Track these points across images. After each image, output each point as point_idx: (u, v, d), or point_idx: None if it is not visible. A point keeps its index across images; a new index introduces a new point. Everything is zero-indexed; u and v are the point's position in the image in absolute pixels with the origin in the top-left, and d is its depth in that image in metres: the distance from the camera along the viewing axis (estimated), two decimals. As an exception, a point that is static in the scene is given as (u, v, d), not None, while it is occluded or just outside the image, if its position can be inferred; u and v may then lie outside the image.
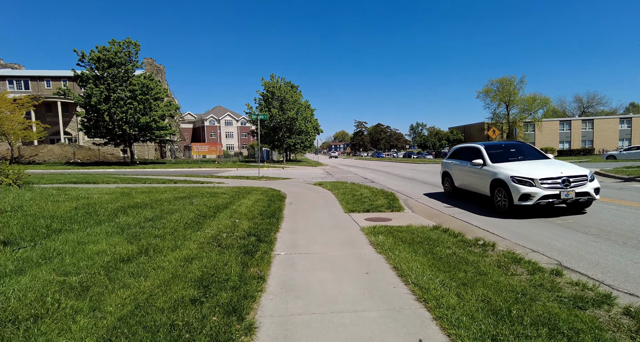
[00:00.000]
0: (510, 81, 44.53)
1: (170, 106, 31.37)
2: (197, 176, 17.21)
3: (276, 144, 39.21)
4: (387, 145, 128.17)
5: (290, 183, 14.66)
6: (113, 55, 26.60)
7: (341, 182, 14.32)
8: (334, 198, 10.16)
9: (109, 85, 26.77)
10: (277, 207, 8.16)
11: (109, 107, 26.63)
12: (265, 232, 5.64)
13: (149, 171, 24.15)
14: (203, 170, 26.52)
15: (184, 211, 6.50)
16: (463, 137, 57.24)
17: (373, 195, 10.52)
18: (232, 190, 10.54)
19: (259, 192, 10.49)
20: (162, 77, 51.69)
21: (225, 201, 8.23)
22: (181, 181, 13.96)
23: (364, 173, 22.51)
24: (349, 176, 20.54)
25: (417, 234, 5.75)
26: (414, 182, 15.67)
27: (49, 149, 34.07)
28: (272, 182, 15.06)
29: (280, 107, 36.32)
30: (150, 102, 28.36)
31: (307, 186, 13.31)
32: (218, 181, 14.78)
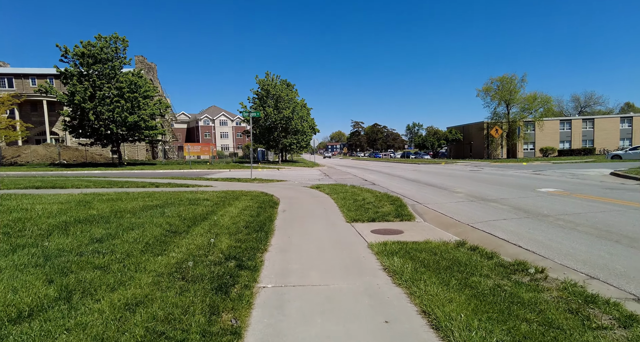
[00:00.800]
0: (511, 79, 43.66)
1: (160, 105, 30.06)
2: (184, 178, 15.96)
3: (271, 144, 37.97)
4: (384, 146, 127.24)
5: (284, 186, 13.46)
6: (99, 50, 25.23)
7: (340, 185, 13.15)
8: (333, 204, 8.98)
9: (94, 82, 25.39)
10: (268, 217, 6.97)
11: (95, 106, 25.26)
12: (250, 253, 4.45)
13: (135, 173, 22.82)
14: (193, 171, 25.23)
15: (149, 225, 5.27)
16: (462, 137, 56.33)
17: (377, 200, 9.36)
18: (218, 195, 9.32)
19: (248, 198, 9.28)
20: (154, 76, 50.26)
21: (206, 210, 7.01)
22: (164, 184, 12.71)
23: (364, 174, 21.37)
24: (348, 177, 19.39)
25: (440, 254, 4.59)
26: (418, 184, 14.53)
27: (32, 150, 32.58)
28: (265, 185, 13.85)
29: (276, 106, 35.09)
30: (138, 101, 27.02)
31: (303, 190, 12.12)
32: (206, 184, 13.55)
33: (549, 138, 48.17)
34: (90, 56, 24.93)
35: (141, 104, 27.18)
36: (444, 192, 11.67)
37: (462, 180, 15.66)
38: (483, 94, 46.10)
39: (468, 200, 9.97)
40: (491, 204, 9.21)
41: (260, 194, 10.49)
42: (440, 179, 16.57)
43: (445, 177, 17.27)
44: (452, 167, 27.04)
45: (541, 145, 47.96)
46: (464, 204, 9.43)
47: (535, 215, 7.58)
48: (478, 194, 11.01)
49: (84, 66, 25.14)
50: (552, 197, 9.78)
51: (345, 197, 9.96)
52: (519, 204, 8.90)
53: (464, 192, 11.56)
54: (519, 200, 9.55)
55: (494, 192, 11.12)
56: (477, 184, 13.87)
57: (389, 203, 8.98)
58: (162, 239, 4.63)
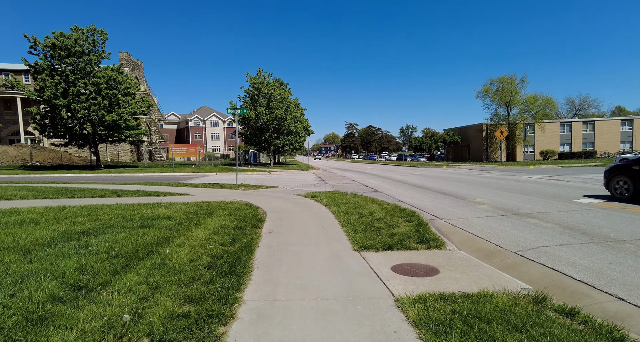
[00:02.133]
0: (511, 80, 42.32)
1: (142, 103, 27.87)
2: (158, 184, 13.93)
3: (263, 146, 35.98)
4: (378, 148, 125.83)
5: (275, 194, 11.53)
6: (73, 42, 23.03)
7: (340, 193, 11.27)
8: (334, 221, 7.09)
9: (67, 77, 23.17)
10: (246, 245, 5.06)
11: (68, 103, 23.04)
12: (202, 329, 2.55)
13: (108, 177, 20.67)
14: (176, 175, 23.15)
15: (44, 276, 3.30)
16: (460, 139, 54.94)
17: (388, 215, 7.51)
18: (187, 210, 7.37)
19: (226, 213, 7.35)
20: (140, 74, 47.94)
21: (160, 236, 5.08)
22: (131, 192, 10.69)
23: (363, 179, 19.53)
24: (346, 182, 17.53)
25: (522, 327, 2.73)
26: (428, 192, 12.72)
27: (2, 151, 30.11)
28: (251, 192, 11.91)
29: (268, 105, 33.15)
30: (118, 98, 24.86)
31: (297, 199, 10.21)
32: (182, 191, 11.56)
33: (549, 141, 46.98)
34: (62, 48, 22.71)
35: (121, 102, 25.02)
36: (462, 203, 9.86)
37: (476, 187, 13.90)
38: (482, 95, 44.74)
39: (497, 214, 8.18)
40: (528, 220, 7.41)
41: (243, 206, 8.56)
42: (450, 185, 14.80)
43: (454, 183, 15.50)
44: (456, 171, 25.35)
45: (541, 148, 46.74)
46: (494, 219, 7.62)
47: (600, 239, 5.78)
48: (505, 205, 9.22)
49: (56, 59, 22.90)
50: (603, 212, 8.01)
51: (347, 210, 8.09)
52: (566, 221, 7.11)
53: (486, 202, 9.77)
54: (562, 215, 7.76)
55: (523, 204, 9.34)
56: (496, 192, 12.11)
57: (403, 219, 7.14)
58: (53, 304, 2.67)
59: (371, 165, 41.83)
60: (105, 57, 25.45)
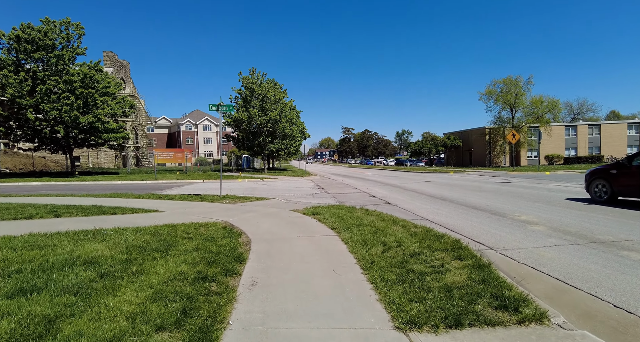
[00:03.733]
0: (516, 82, 40.62)
1: (124, 103, 25.47)
2: (128, 197, 11.58)
3: (256, 150, 33.68)
4: (374, 152, 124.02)
5: (266, 209, 9.26)
6: (41, 35, 20.65)
7: (347, 208, 9.04)
8: (349, 258, 4.84)
9: (35, 73, 20.76)
10: (204, 328, 2.77)
11: (36, 102, 20.60)
12: None
13: (78, 186, 18.24)
14: (157, 183, 20.76)
15: None
16: (461, 143, 53.12)
17: (423, 245, 5.33)
18: (134, 243, 5.07)
19: (192, 246, 5.08)
20: (127, 74, 45.50)
21: (41, 317, 2.75)
22: (80, 210, 8.35)
23: (368, 187, 17.31)
24: (350, 192, 15.30)
25: None
26: (451, 205, 10.53)
27: (-31, 157, 27.48)
28: (238, 207, 9.63)
29: (261, 106, 30.93)
30: (94, 98, 22.47)
31: (294, 217, 7.95)
32: (150, 207, 9.23)
33: (553, 145, 45.29)
34: (29, 41, 20.32)
35: (98, 102, 22.63)
36: (505, 222, 7.68)
37: (506, 198, 11.76)
38: (486, 98, 43.01)
39: (566, 241, 6.01)
40: (625, 254, 5.23)
41: (220, 230, 6.28)
42: (473, 195, 12.65)
43: (476, 193, 13.36)
44: (467, 178, 23.26)
45: (546, 153, 45.00)
46: (571, 251, 5.43)
47: None
48: (568, 226, 7.05)
49: (21, 54, 20.49)
50: None
51: (364, 237, 5.86)
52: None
53: (538, 222, 7.59)
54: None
55: (591, 224, 7.17)
56: (538, 205, 9.96)
57: (449, 254, 4.92)
58: None
59: (371, 171, 39.68)
60: (81, 53, 23.08)
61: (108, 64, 40.79)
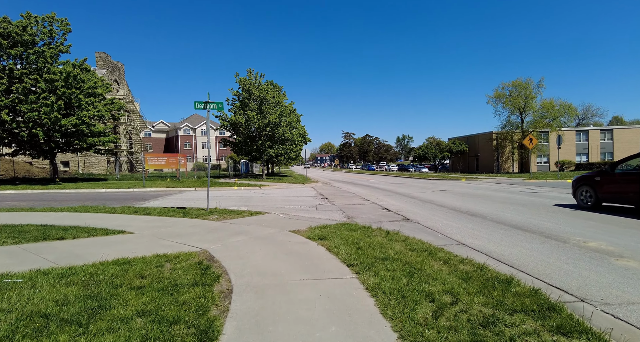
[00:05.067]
0: (526, 85, 38.93)
1: (112, 105, 23.74)
2: (98, 211, 9.74)
3: (255, 155, 31.82)
4: (375, 157, 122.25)
5: (259, 231, 7.42)
6: (19, 30, 18.97)
7: (362, 229, 7.20)
8: (382, 325, 2.95)
9: (11, 71, 19.04)
10: None
11: (12, 103, 18.85)
12: None
13: (54, 195, 16.45)
14: (145, 191, 18.94)
15: None
16: (467, 149, 51.33)
17: (486, 299, 3.49)
18: (40, 306, 3.23)
19: (136, 308, 3.24)
20: (121, 76, 43.84)
21: None
22: (22, 232, 6.52)
23: (377, 197, 15.48)
24: (358, 203, 13.45)
25: None
26: (483, 221, 8.69)
27: (-53, 161, 25.67)
28: (225, 225, 7.81)
29: (259, 109, 29.19)
30: (79, 99, 20.75)
31: (294, 244, 6.11)
32: (115, 227, 7.40)
33: (564, 150, 43.49)
34: (4, 36, 18.63)
35: (83, 103, 20.88)
36: (574, 252, 5.83)
37: (550, 214, 9.93)
38: (494, 101, 41.27)
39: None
40: None
41: (193, 267, 4.46)
42: (504, 209, 10.82)
43: (507, 206, 11.54)
44: (484, 186, 21.43)
45: (556, 158, 43.16)
46: None
47: None
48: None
49: (-5, 49, 18.82)
50: None
51: (397, 283, 4.01)
52: None
53: (622, 253, 5.75)
54: None
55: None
56: (596, 225, 8.13)
57: (539, 323, 3.08)
58: None
59: (375, 177, 37.84)
60: (65, 50, 21.39)
61: (101, 65, 39.14)
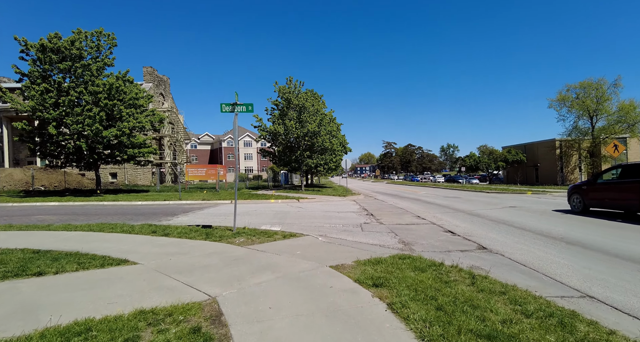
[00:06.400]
0: (597, 85, 34.19)
1: (153, 116, 23.75)
2: (114, 231, 8.63)
3: (294, 166, 30.62)
4: (419, 168, 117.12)
5: (291, 266, 5.71)
6: (68, 45, 19.42)
7: (432, 268, 5.20)
8: None
9: (59, 85, 19.48)
10: None
11: (59, 116, 19.19)
12: None
13: (90, 208, 16.10)
14: (180, 204, 18.19)
15: None
16: (525, 158, 46.46)
17: None
18: None
19: None
20: (166, 90, 45.38)
21: None
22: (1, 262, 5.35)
23: (433, 214, 13.19)
24: (410, 221, 11.31)
25: None
26: (604, 257, 6.26)
27: (7, 174, 27.23)
28: (249, 254, 6.21)
29: (298, 118, 28.02)
30: (120, 110, 20.80)
31: (338, 296, 4.29)
32: (125, 251, 6.10)
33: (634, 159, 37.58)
34: (54, 51, 19.14)
35: (124, 115, 20.91)
36: None
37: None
38: (557, 105, 36.77)
39: None
40: None
41: (183, 339, 2.78)
42: (624, 239, 8.19)
43: (625, 232, 8.83)
44: (562, 202, 18.18)
45: (637, 168, 37.35)
46: None
47: None
48: None
49: (46, 64, 19.32)
50: None
51: None
52: None
53: None
54: None
55: None
56: None
57: None
58: None
59: (423, 189, 34.95)
60: (110, 64, 21.73)
61: (148, 79, 40.73)
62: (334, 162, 33.64)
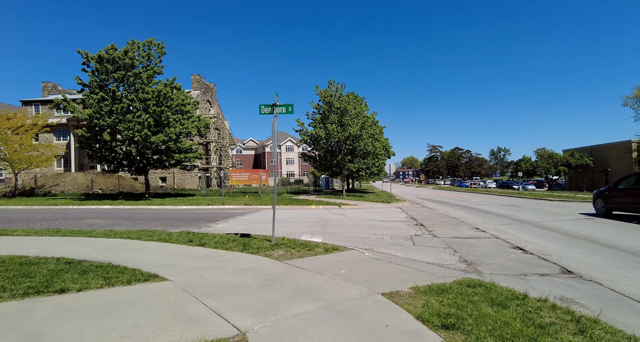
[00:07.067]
0: (685, 76, 29.57)
1: (199, 122, 24.33)
2: (151, 239, 8.41)
3: (335, 171, 29.86)
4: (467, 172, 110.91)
5: (331, 292, 4.90)
6: (121, 54, 20.45)
7: (514, 299, 4.08)
8: None
9: (114, 93, 20.53)
10: None
11: (113, 123, 20.20)
12: None
13: (136, 212, 16.51)
14: (222, 208, 18.19)
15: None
16: (592, 162, 41.72)
17: None
18: None
19: None
20: (213, 97, 47.02)
21: None
22: (24, 276, 5.12)
23: (494, 226, 11.68)
24: (469, 234, 9.99)
25: None
26: None
27: (72, 178, 29.45)
28: (288, 272, 5.52)
29: (340, 121, 27.29)
30: (167, 116, 21.47)
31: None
32: (156, 264, 5.72)
33: None
34: (109, 61, 20.24)
35: (171, 120, 21.55)
36: None
37: None
38: (634, 102, 32.45)
39: None
40: None
41: None
42: None
43: None
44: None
45: None
46: None
47: None
48: None
49: (102, 74, 20.47)
50: None
51: None
52: None
53: None
54: None
55: None
56: None
57: None
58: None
59: (476, 196, 32.50)
60: (159, 71, 22.59)
61: (196, 86, 42.45)
62: (376, 167, 32.37)
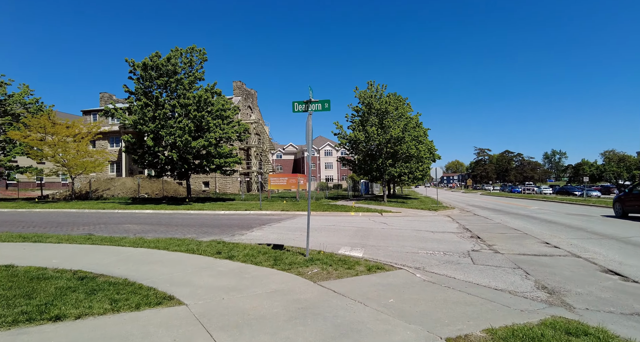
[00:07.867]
0: None
1: (239, 127, 24.35)
2: (180, 249, 7.90)
3: (375, 175, 28.49)
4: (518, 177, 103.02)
5: (378, 335, 3.82)
6: (164, 61, 20.95)
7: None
8: None
9: (157, 99, 21.07)
10: None
11: (156, 128, 20.69)
12: None
13: (175, 217, 16.49)
14: (259, 214, 17.73)
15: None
16: (675, 164, 36.31)
17: None
18: None
19: None
20: (253, 102, 47.72)
21: None
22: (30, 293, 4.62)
23: (567, 241, 9.89)
24: (536, 249, 8.38)
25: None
26: None
27: (121, 182, 30.97)
28: (323, 300, 4.60)
29: (380, 123, 25.98)
30: (207, 121, 21.62)
31: None
32: (178, 282, 5.09)
33: None
34: (153, 68, 20.79)
35: (211, 125, 21.68)
36: None
37: None
38: None
39: None
40: None
41: None
42: None
43: None
44: None
45: None
46: None
47: None
48: None
49: (147, 81, 21.10)
50: None
51: None
52: None
53: None
54: None
55: None
56: None
57: None
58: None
59: (534, 203, 29.44)
60: (200, 77, 22.92)
61: (237, 92, 43.31)
62: (420, 171, 30.45)
